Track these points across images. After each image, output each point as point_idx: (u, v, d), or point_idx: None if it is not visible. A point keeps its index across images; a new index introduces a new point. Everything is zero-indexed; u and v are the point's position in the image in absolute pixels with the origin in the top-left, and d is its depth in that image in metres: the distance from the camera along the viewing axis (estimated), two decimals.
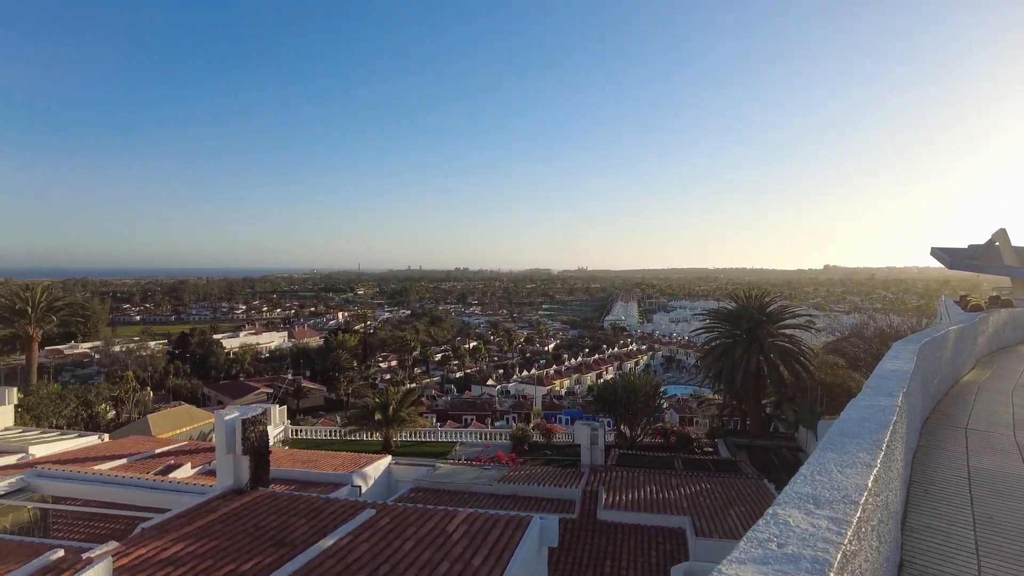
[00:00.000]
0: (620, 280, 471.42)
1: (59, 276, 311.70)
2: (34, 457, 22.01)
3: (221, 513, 9.94)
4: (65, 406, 33.70)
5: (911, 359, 7.65)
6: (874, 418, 4.87)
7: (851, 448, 4.05)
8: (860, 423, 4.73)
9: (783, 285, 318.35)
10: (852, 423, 4.77)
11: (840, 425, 4.72)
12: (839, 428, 4.60)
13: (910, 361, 7.51)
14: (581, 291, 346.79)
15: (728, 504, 17.60)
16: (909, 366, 7.22)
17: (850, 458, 3.82)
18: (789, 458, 26.45)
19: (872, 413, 5.04)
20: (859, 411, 5.19)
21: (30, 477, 12.83)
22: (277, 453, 22.72)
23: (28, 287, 44.16)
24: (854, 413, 5.14)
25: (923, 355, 8.70)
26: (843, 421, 4.89)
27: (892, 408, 5.18)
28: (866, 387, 6.31)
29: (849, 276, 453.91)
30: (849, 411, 5.27)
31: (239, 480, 11.45)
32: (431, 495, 18.49)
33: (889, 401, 5.48)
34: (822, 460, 3.79)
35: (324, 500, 10.81)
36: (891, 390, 5.94)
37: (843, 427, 4.62)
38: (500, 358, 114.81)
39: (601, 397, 33.96)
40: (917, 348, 8.61)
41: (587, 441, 21.50)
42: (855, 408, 5.36)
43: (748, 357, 30.38)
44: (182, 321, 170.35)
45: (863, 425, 4.65)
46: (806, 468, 3.64)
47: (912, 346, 8.92)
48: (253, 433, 11.55)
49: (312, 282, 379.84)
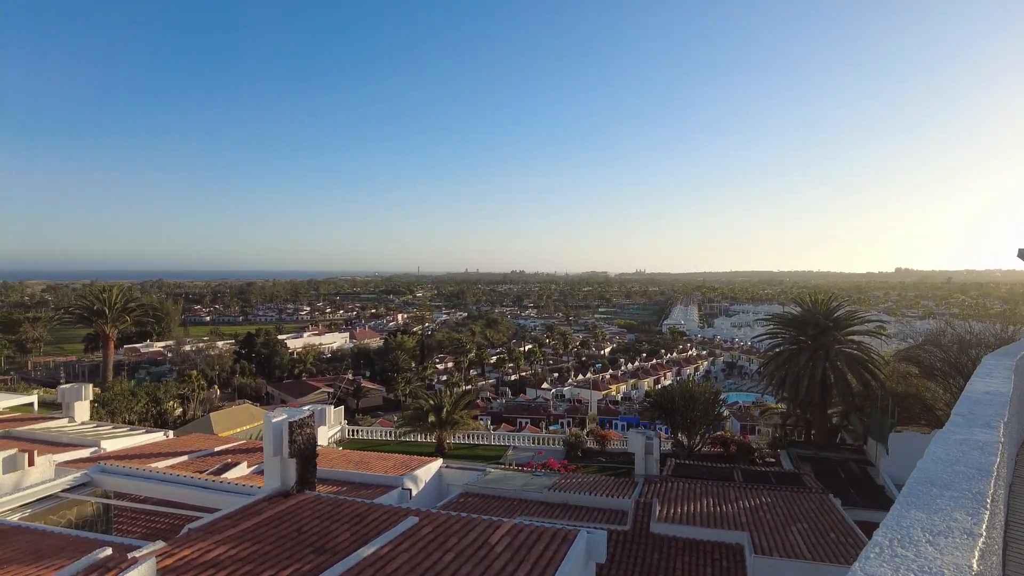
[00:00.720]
0: (679, 283, 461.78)
1: (138, 278, 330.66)
2: (105, 451, 23.04)
3: (265, 516, 9.95)
4: (136, 402, 35.31)
5: (1008, 377, 6.32)
6: (971, 459, 3.73)
7: (943, 504, 3.03)
8: (952, 467, 3.60)
9: (851, 289, 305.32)
10: (942, 466, 3.63)
11: (926, 468, 3.62)
12: (925, 473, 3.52)
13: (1007, 380, 6.17)
14: (639, 294, 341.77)
15: (790, 520, 16.64)
16: (1007, 387, 5.91)
17: (943, 520, 2.83)
18: (857, 472, 24.93)
19: (967, 452, 3.89)
20: (950, 448, 4.01)
21: (93, 472, 13.29)
22: (330, 454, 23.04)
23: (105, 289, 46.73)
24: (944, 452, 3.94)
25: (1021, 371, 7.54)
26: (930, 462, 3.74)
27: (994, 446, 4.00)
28: (956, 414, 5.08)
29: (923, 279, 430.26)
30: (937, 448, 4.03)
31: (285, 483, 11.48)
32: (480, 500, 18.26)
33: (989, 435, 4.29)
34: (905, 522, 2.80)
35: (368, 506, 10.69)
36: (989, 419, 4.75)
37: (930, 471, 3.53)
38: (555, 361, 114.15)
39: (658, 404, 33.03)
40: (1014, 363, 7.27)
41: (642, 450, 20.83)
42: (945, 444, 4.13)
43: (814, 364, 28.90)
44: (249, 322, 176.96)
45: (956, 470, 3.54)
46: (883, 535, 2.67)
47: (1008, 361, 7.58)
48: (300, 436, 11.56)
49: (373, 284, 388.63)
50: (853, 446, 29.77)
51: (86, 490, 12.88)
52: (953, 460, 3.74)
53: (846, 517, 17.23)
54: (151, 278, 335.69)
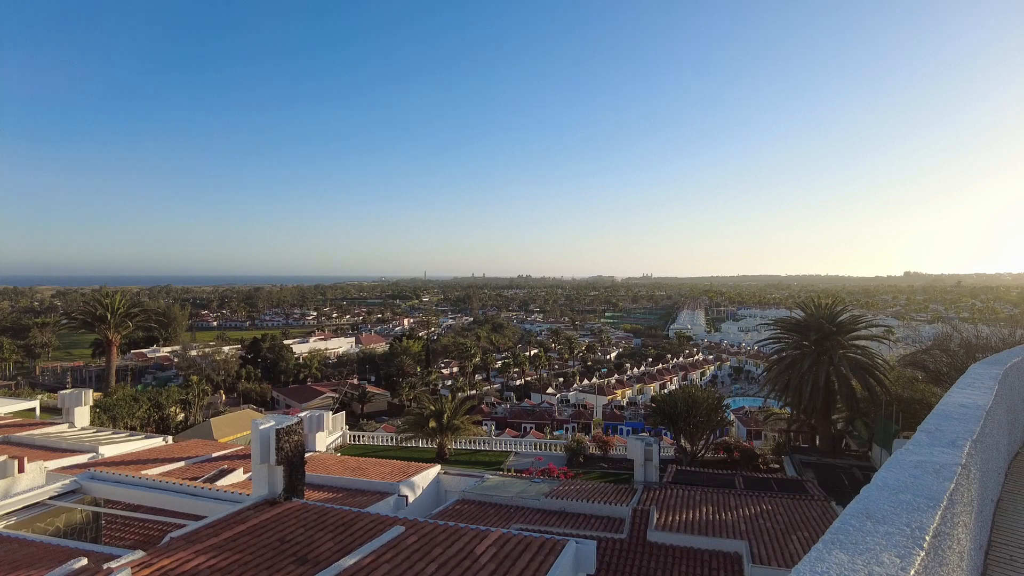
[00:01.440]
0: (687, 288, 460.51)
1: (146, 283, 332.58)
2: (103, 457, 23.00)
3: (249, 525, 9.79)
4: (138, 408, 35.30)
5: (990, 387, 5.79)
6: (922, 486, 3.19)
7: (872, 543, 2.53)
8: (897, 495, 3.07)
9: (860, 293, 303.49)
10: (886, 495, 3.08)
11: (867, 498, 3.10)
12: (864, 503, 3.03)
13: (988, 392, 5.62)
14: (645, 299, 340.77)
15: (790, 528, 16.35)
16: (986, 399, 5.36)
17: (865, 566, 2.32)
18: (861, 479, 24.55)
19: (920, 477, 3.35)
20: (901, 473, 3.45)
21: (83, 479, 13.19)
22: (327, 460, 22.91)
23: (108, 294, 46.83)
24: (893, 477, 3.38)
25: (1011, 380, 7.08)
26: (873, 490, 3.20)
27: (951, 469, 3.49)
28: (921, 431, 4.54)
29: (932, 283, 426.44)
30: (887, 473, 3.46)
31: (273, 490, 11.34)
32: (476, 507, 18.06)
33: (950, 456, 3.75)
34: (820, 567, 2.31)
35: (354, 514, 10.52)
36: (956, 437, 4.24)
37: (870, 501, 3.04)
38: (561, 366, 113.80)
39: (660, 410, 32.72)
40: (1002, 372, 6.74)
41: (641, 457, 20.57)
42: (897, 468, 3.55)
43: (817, 370, 28.53)
44: (256, 327, 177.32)
45: (901, 499, 3.01)
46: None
47: (995, 369, 7.00)
48: (288, 443, 11.41)
49: (380, 289, 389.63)
50: (858, 452, 29.41)
51: (74, 497, 12.77)
52: (901, 487, 3.23)
53: None
54: (159, 283, 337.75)
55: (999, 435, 5.52)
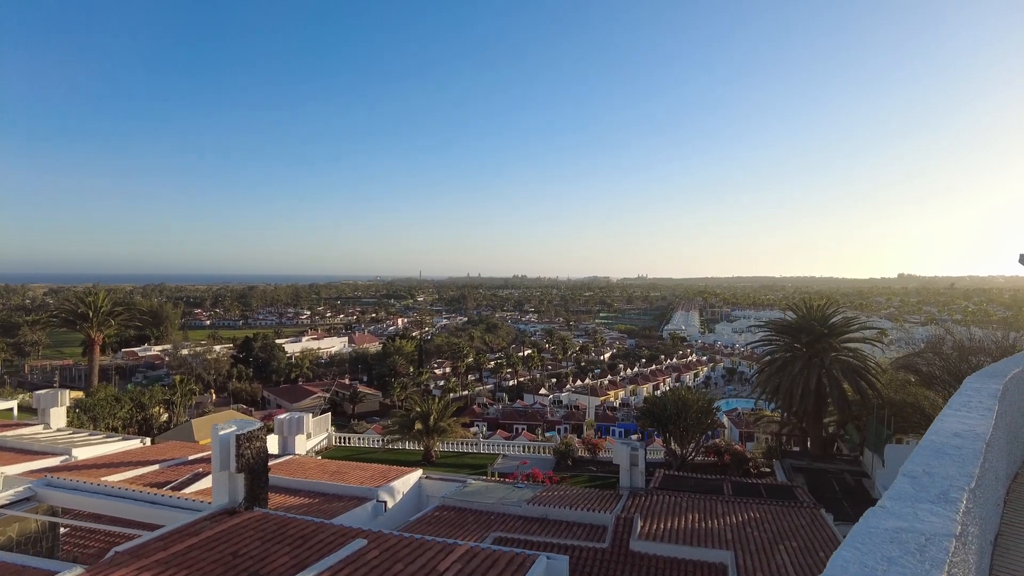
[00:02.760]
0: (681, 288, 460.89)
1: (140, 282, 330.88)
2: (76, 459, 22.40)
3: (202, 537, 9.26)
4: (120, 408, 34.65)
5: (989, 408, 4.51)
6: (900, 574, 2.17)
7: None
8: None
9: (854, 295, 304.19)
10: None
11: None
12: None
13: (987, 414, 4.35)
14: (640, 299, 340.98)
15: (778, 537, 15.88)
16: (985, 425, 4.17)
17: None
18: (852, 484, 24.15)
19: (898, 562, 2.27)
20: (872, 552, 2.37)
21: (38, 486, 12.63)
22: (306, 463, 22.36)
23: (91, 292, 46.11)
24: (859, 559, 2.32)
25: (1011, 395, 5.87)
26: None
27: (942, 544, 2.41)
28: (904, 475, 3.60)
29: (926, 285, 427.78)
30: (852, 551, 2.39)
31: (233, 499, 10.81)
32: (455, 514, 17.55)
33: (940, 521, 2.66)
34: None
35: (316, 525, 10.00)
36: (947, 486, 3.17)
37: None
38: (554, 367, 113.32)
39: (650, 412, 32.27)
40: (1001, 387, 5.55)
41: (626, 462, 20.09)
42: (866, 542, 2.46)
43: (808, 372, 28.10)
44: (249, 326, 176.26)
45: None
46: None
47: (993, 384, 5.70)
48: (249, 450, 10.89)
49: (375, 289, 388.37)
50: (849, 457, 29.00)
51: (28, 505, 12.21)
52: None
53: (837, 534, 16.49)
54: (154, 282, 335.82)
55: (999, 463, 4.40)
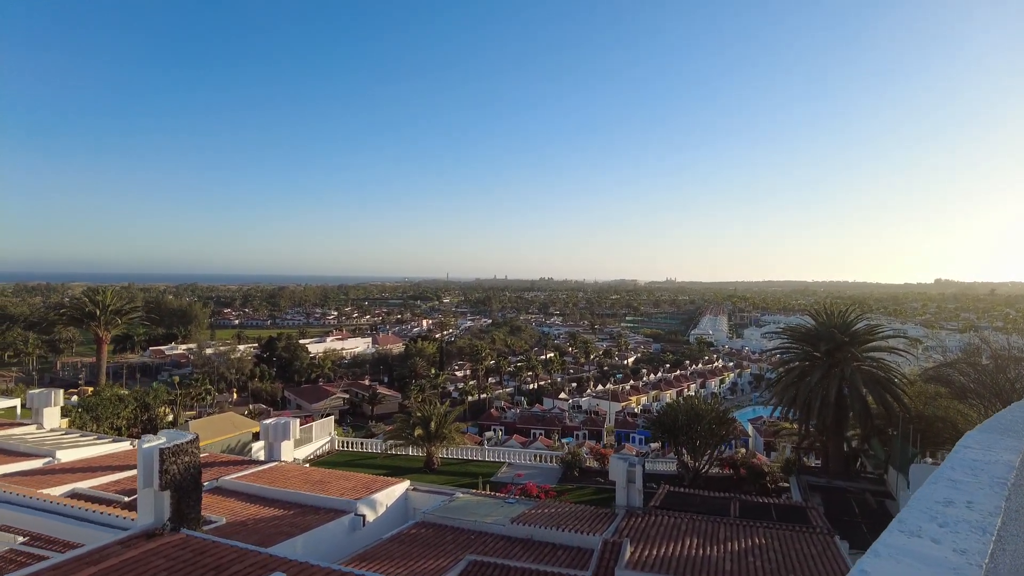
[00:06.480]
0: (710, 292, 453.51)
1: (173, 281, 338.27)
2: (59, 462, 21.91)
3: (103, 567, 8.27)
4: (124, 408, 34.34)
5: (999, 495, 2.58)
6: None
7: None
8: None
9: (888, 300, 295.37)
10: None
11: None
12: None
13: (1000, 490, 2.64)
14: (667, 303, 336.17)
15: (783, 569, 14.37)
16: (984, 543, 2.18)
17: None
18: (873, 506, 22.26)
19: None
20: None
21: None
22: (290, 472, 21.45)
23: (98, 291, 46.24)
24: None
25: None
26: None
27: None
28: None
29: (964, 291, 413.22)
30: None
31: (158, 518, 9.84)
32: (434, 532, 16.41)
33: None
34: None
35: (237, 554, 8.95)
36: None
37: None
38: (576, 371, 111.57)
39: (660, 423, 30.69)
40: (1020, 456, 3.26)
41: (623, 478, 18.69)
42: None
43: (827, 383, 26.22)
44: (276, 325, 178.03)
45: None
46: None
47: (1009, 455, 3.31)
48: (175, 465, 9.90)
49: (402, 290, 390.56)
50: (873, 475, 27.04)
51: None
52: None
53: (849, 565, 14.88)
54: (187, 282, 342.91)
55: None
